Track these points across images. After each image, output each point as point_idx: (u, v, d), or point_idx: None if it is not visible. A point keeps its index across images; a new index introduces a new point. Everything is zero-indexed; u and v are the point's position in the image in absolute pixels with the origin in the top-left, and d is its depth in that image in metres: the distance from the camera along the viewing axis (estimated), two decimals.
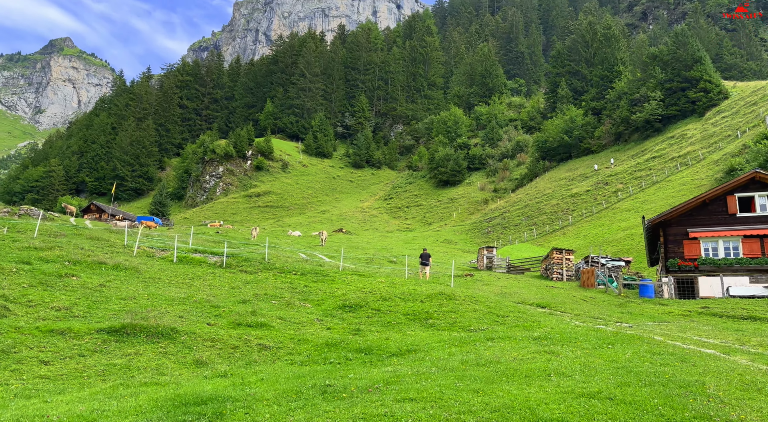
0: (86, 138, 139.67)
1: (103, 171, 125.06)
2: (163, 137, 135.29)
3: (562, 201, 74.66)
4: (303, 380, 7.62)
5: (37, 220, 50.21)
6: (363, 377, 7.84)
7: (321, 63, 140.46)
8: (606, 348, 10.77)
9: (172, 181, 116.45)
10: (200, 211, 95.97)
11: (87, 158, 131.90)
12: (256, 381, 7.56)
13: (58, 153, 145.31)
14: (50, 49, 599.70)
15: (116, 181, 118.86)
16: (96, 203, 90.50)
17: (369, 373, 8.32)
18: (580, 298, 25.78)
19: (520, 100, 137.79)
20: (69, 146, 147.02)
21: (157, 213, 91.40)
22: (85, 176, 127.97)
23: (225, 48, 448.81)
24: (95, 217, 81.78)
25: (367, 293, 16.83)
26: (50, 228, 22.78)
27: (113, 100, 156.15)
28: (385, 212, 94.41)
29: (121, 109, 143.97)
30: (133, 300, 12.36)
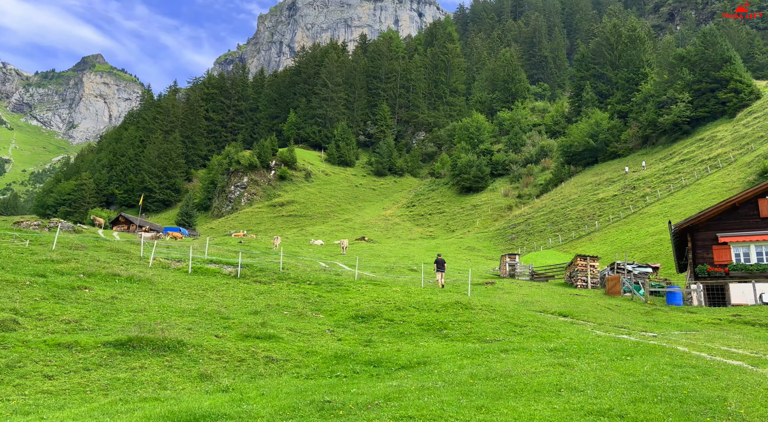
0: (115, 151, 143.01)
1: (132, 183, 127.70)
2: (189, 149, 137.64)
3: (588, 206, 73.30)
4: (303, 395, 7.44)
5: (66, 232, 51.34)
6: (365, 392, 7.62)
7: (343, 73, 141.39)
8: (624, 360, 10.34)
9: (198, 192, 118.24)
10: (226, 221, 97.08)
11: (116, 170, 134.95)
12: (256, 397, 7.40)
13: (89, 167, 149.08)
14: (83, 65, 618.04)
15: (144, 193, 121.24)
16: (124, 214, 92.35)
17: (372, 388, 8.09)
18: (604, 306, 25.08)
19: (543, 104, 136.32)
20: (99, 159, 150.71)
21: (183, 224, 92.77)
22: (115, 189, 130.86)
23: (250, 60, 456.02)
24: (124, 228, 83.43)
25: (381, 303, 16.59)
26: (71, 241, 23.19)
27: (141, 114, 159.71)
28: (407, 220, 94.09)
29: (149, 122, 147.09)
30: (144, 312, 12.38)
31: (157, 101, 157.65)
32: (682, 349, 12.89)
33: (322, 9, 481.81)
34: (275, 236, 52.09)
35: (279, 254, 37.32)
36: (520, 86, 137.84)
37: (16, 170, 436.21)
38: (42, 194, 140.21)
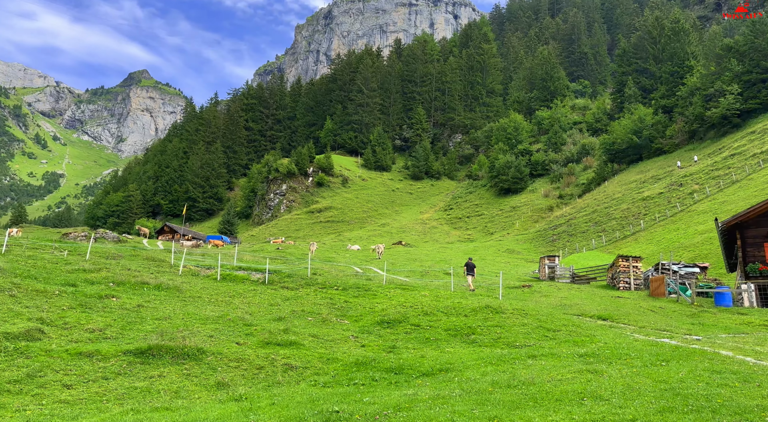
0: (160, 163, 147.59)
1: (176, 194, 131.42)
2: (230, 159, 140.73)
3: (633, 205, 70.89)
4: (314, 405, 7.27)
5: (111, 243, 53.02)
6: (377, 401, 7.38)
7: (378, 78, 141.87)
8: (658, 366, 9.74)
9: (239, 200, 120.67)
10: (266, 228, 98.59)
11: (161, 181, 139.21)
12: (266, 406, 7.28)
13: (135, 178, 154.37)
14: (129, 81, 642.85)
15: (188, 202, 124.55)
16: (169, 224, 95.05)
17: (386, 397, 7.85)
18: (647, 309, 24.04)
19: (584, 102, 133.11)
20: (145, 171, 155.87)
21: (225, 232, 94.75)
22: (161, 199, 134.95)
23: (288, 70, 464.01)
24: (168, 238, 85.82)
25: (408, 308, 16.30)
26: (108, 251, 23.86)
27: (184, 126, 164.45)
28: (445, 223, 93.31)
29: (191, 134, 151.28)
30: (168, 320, 12.51)
31: (199, 113, 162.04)
32: (725, 353, 12.12)
33: (357, 16, 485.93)
34: (311, 242, 52.47)
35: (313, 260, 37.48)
36: (559, 84, 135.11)
37: (70, 183, 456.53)
38: (92, 206, 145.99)
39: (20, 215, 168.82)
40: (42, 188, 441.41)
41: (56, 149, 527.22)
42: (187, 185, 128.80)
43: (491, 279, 38.27)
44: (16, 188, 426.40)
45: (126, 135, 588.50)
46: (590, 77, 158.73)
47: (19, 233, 53.90)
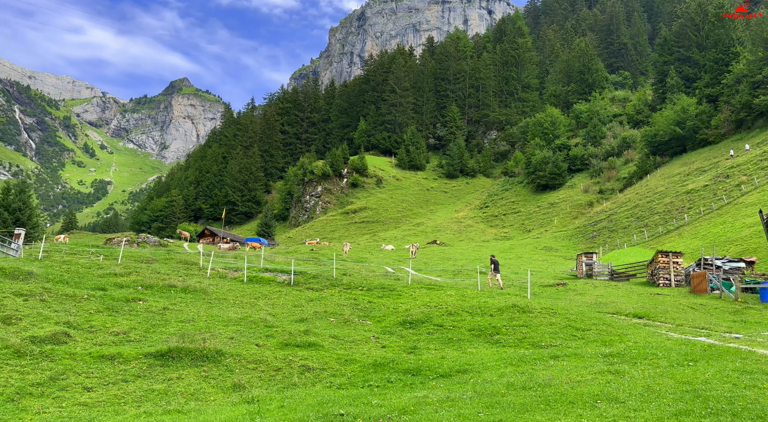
0: (201, 168, 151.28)
1: (216, 198, 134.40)
2: (267, 162, 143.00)
3: (677, 199, 68.44)
4: (321, 407, 7.25)
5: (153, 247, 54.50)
6: (385, 404, 7.31)
7: (410, 77, 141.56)
8: (685, 366, 9.33)
9: (276, 203, 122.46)
10: (302, 230, 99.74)
11: (202, 186, 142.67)
12: (275, 409, 7.31)
13: (177, 184, 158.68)
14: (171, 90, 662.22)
15: (228, 206, 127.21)
16: (209, 228, 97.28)
17: (396, 399, 7.77)
18: (687, 306, 23.15)
19: (624, 93, 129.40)
20: (186, 176, 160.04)
21: (263, 234, 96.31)
22: (202, 204, 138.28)
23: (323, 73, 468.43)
24: (209, 241, 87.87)
25: (433, 308, 16.14)
26: (143, 255, 24.57)
27: (223, 131, 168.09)
28: (480, 222, 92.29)
29: (230, 139, 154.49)
30: (191, 323, 12.75)
31: (237, 119, 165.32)
32: (762, 352, 11.53)
33: (390, 16, 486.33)
34: (345, 242, 52.80)
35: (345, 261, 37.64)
36: (597, 76, 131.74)
37: (117, 190, 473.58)
38: (137, 212, 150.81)
39: (71, 222, 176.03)
40: (91, 196, 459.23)
41: (103, 158, 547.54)
42: (227, 189, 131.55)
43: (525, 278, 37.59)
44: (67, 195, 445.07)
45: (169, 142, 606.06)
46: (630, 68, 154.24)
47: (66, 239, 56.20)
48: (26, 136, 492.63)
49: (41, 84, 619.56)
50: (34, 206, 67.13)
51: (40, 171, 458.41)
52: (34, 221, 65.79)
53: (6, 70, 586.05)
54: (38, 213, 66.99)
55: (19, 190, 65.13)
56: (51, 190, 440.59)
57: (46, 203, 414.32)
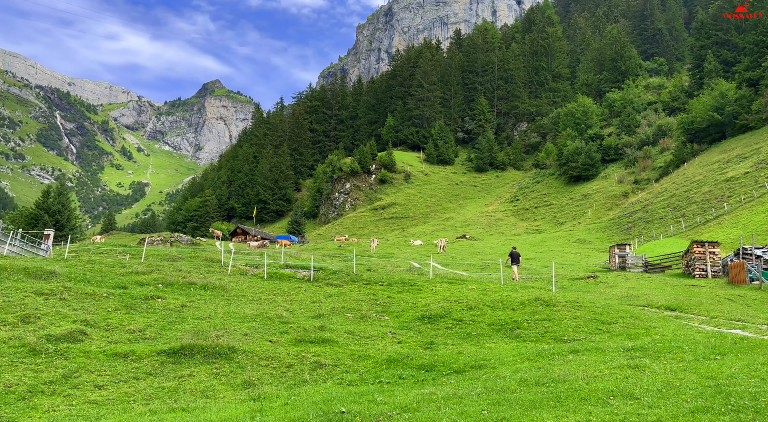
0: (233, 168, 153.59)
1: (248, 197, 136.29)
2: (297, 161, 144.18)
3: (716, 187, 66.05)
4: (325, 405, 7.12)
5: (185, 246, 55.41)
6: (389, 401, 7.13)
7: (438, 71, 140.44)
8: (711, 360, 8.86)
9: (306, 201, 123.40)
10: (332, 227, 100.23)
11: (234, 186, 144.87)
12: (279, 407, 7.21)
13: (210, 184, 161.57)
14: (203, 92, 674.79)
15: (259, 205, 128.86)
16: (241, 226, 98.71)
17: (402, 396, 7.58)
18: (724, 297, 22.23)
19: (659, 80, 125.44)
20: (219, 176, 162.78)
21: (293, 232, 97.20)
22: (234, 203, 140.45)
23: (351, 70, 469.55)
24: (241, 239, 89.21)
25: (453, 303, 15.86)
26: (170, 253, 24.97)
27: (253, 131, 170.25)
28: (511, 215, 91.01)
29: (260, 138, 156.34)
30: (208, 319, 12.81)
31: (266, 119, 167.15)
32: None
33: (417, 10, 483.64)
34: (372, 238, 52.77)
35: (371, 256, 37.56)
36: (631, 63, 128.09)
37: (154, 191, 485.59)
38: (173, 212, 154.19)
39: (110, 223, 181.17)
40: (129, 197, 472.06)
41: (141, 160, 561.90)
42: (258, 188, 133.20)
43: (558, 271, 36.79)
44: (107, 197, 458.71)
45: (203, 143, 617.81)
46: (666, 54, 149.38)
47: (102, 239, 57.78)
48: (67, 140, 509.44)
49: (80, 90, 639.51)
50: (73, 208, 69.28)
51: (81, 174, 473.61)
52: (73, 223, 67.89)
53: (47, 77, 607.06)
54: (77, 215, 69.09)
55: (58, 193, 67.23)
56: (91, 193, 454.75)
57: (87, 205, 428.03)
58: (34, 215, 64.91)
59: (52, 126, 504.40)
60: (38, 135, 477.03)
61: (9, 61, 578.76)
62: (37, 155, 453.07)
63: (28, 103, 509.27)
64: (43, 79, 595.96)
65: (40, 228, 64.83)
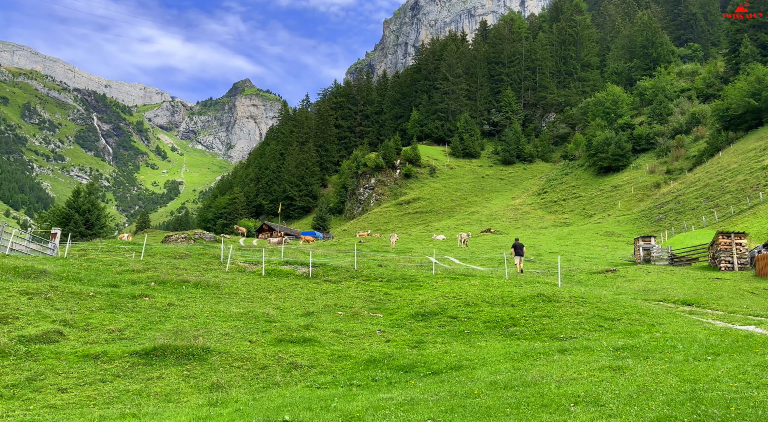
0: (260, 166, 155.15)
1: (275, 194, 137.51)
2: (322, 157, 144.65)
3: (751, 176, 63.36)
4: (275, 412, 6.78)
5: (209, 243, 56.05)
6: (342, 408, 6.79)
7: (463, 63, 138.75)
8: (702, 361, 8.24)
9: (332, 196, 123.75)
10: (357, 222, 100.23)
11: (262, 183, 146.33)
12: (228, 413, 6.92)
13: (239, 182, 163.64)
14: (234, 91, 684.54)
15: (286, 201, 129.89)
16: (267, 223, 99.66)
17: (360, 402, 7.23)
18: (748, 291, 21.11)
19: (692, 67, 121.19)
20: (247, 174, 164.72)
21: (318, 228, 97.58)
22: (262, 200, 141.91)
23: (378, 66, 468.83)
24: (267, 235, 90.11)
25: (451, 299, 15.38)
26: (178, 250, 25.11)
27: (280, 129, 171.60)
28: (538, 208, 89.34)
29: (286, 135, 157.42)
30: (192, 319, 12.65)
31: (293, 116, 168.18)
32: None
33: (444, 3, 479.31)
34: (392, 234, 52.39)
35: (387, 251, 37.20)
36: (663, 50, 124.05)
37: (188, 190, 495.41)
38: (203, 210, 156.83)
39: (144, 222, 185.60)
40: (164, 196, 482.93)
41: (175, 159, 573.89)
42: (285, 184, 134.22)
43: (577, 265, 35.82)
44: (143, 196, 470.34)
45: (234, 142, 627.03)
46: (701, 40, 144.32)
47: (129, 237, 58.95)
48: (104, 141, 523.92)
49: (116, 92, 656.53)
50: (102, 207, 70.87)
51: (118, 174, 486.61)
52: (102, 222, 69.52)
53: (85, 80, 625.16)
54: (106, 214, 70.58)
55: (88, 192, 68.86)
56: (128, 192, 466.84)
57: (124, 204, 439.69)
58: (65, 214, 66.66)
59: (90, 128, 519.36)
60: (76, 137, 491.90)
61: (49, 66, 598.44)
62: (75, 156, 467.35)
63: (67, 106, 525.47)
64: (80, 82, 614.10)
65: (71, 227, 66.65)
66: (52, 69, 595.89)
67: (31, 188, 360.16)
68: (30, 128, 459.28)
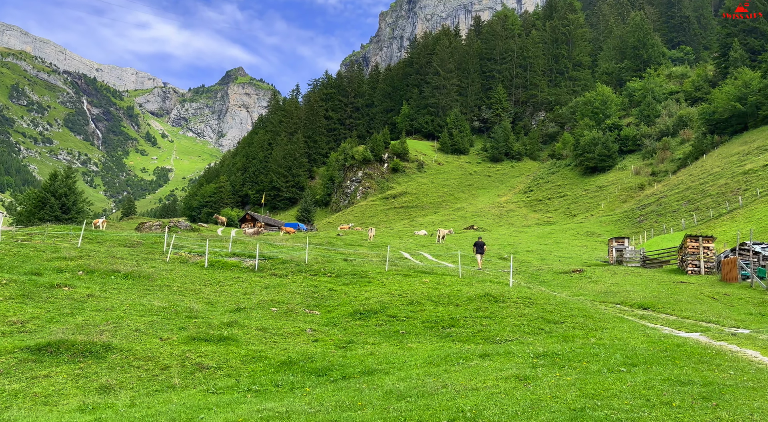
0: (248, 155, 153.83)
1: (262, 184, 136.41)
2: (311, 148, 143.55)
3: (732, 180, 63.42)
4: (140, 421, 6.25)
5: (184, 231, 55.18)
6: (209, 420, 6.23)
7: (455, 58, 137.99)
8: (616, 372, 7.78)
9: (319, 188, 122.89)
10: (342, 215, 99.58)
11: (249, 173, 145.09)
12: (94, 420, 6.37)
13: (226, 171, 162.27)
14: (227, 79, 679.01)
15: (272, 192, 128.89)
16: (250, 213, 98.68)
17: (236, 412, 6.69)
18: (708, 295, 20.79)
19: (683, 69, 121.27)
20: (235, 163, 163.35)
21: (302, 219, 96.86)
22: (248, 190, 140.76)
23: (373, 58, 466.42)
24: (250, 226, 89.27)
25: (396, 297, 14.86)
26: (130, 238, 24.34)
27: (269, 118, 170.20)
28: (524, 206, 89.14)
29: (275, 125, 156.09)
30: (108, 311, 12.01)
31: (282, 105, 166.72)
32: (749, 353, 9.71)
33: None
34: (370, 228, 51.85)
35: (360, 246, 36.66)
36: (654, 52, 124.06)
37: (178, 177, 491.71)
38: (189, 197, 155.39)
39: (130, 208, 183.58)
40: (153, 183, 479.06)
41: (165, 146, 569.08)
42: (272, 175, 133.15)
43: (549, 264, 35.47)
44: (131, 183, 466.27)
45: (225, 130, 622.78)
46: (693, 43, 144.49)
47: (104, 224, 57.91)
48: (93, 126, 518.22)
49: (107, 76, 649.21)
50: (80, 192, 69.65)
51: (107, 159, 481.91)
52: (80, 206, 68.31)
53: (75, 63, 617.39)
54: (83, 199, 69.32)
55: (65, 176, 67.59)
56: (116, 177, 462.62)
57: (112, 190, 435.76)
58: (41, 197, 65.47)
59: (79, 111, 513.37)
60: (65, 120, 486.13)
61: (39, 47, 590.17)
62: (64, 140, 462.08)
63: (56, 89, 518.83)
64: (71, 65, 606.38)
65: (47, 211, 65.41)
66: (42, 50, 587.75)
67: (17, 171, 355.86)
68: (18, 109, 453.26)
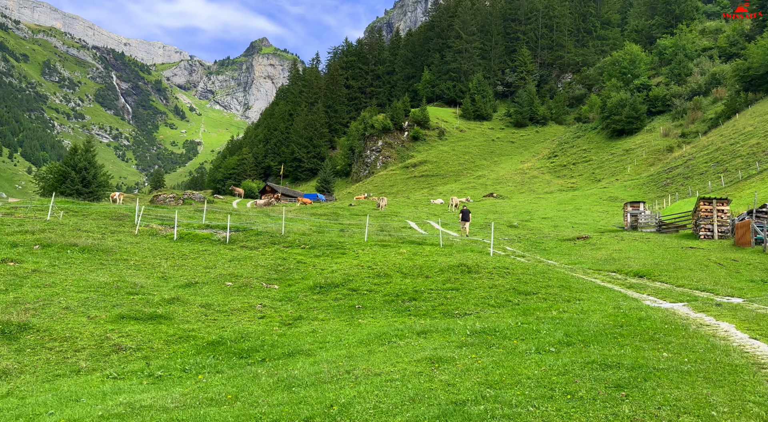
0: (269, 126, 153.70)
1: (283, 155, 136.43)
2: (332, 118, 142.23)
3: (765, 139, 60.11)
4: None
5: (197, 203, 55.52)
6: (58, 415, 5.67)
7: (478, 20, 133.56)
8: (545, 353, 6.95)
9: (339, 159, 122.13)
10: (362, 185, 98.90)
11: (270, 144, 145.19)
12: None
13: (249, 142, 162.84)
14: (251, 50, 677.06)
15: (294, 163, 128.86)
16: (270, 184, 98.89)
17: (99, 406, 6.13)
18: (715, 262, 19.47)
19: (717, 24, 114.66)
20: (257, 135, 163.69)
21: (322, 190, 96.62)
22: (270, 161, 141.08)
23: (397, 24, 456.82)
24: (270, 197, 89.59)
25: (365, 269, 14.16)
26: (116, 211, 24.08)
27: (290, 88, 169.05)
28: (547, 172, 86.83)
29: (296, 96, 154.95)
30: (46, 288, 11.62)
31: (302, 75, 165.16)
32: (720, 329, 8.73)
33: None
34: (381, 197, 51.10)
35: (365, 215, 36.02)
36: (687, 6, 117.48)
37: (206, 150, 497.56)
38: (213, 170, 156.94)
39: (158, 181, 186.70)
40: (183, 156, 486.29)
41: (193, 119, 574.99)
42: (293, 146, 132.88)
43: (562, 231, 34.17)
44: (162, 156, 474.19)
45: (251, 102, 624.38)
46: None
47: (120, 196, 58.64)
48: (123, 100, 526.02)
49: (135, 50, 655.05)
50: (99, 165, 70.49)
51: (137, 134, 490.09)
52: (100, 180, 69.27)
53: (104, 38, 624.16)
54: (104, 172, 70.14)
55: (85, 149, 68.38)
56: (147, 151, 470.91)
57: (144, 163, 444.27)
58: (62, 171, 66.53)
59: (109, 86, 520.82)
60: (96, 95, 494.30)
61: (69, 23, 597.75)
62: (95, 115, 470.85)
63: (86, 64, 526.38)
64: (99, 40, 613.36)
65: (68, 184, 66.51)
66: (71, 26, 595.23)
67: (52, 146, 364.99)
68: (50, 85, 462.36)
